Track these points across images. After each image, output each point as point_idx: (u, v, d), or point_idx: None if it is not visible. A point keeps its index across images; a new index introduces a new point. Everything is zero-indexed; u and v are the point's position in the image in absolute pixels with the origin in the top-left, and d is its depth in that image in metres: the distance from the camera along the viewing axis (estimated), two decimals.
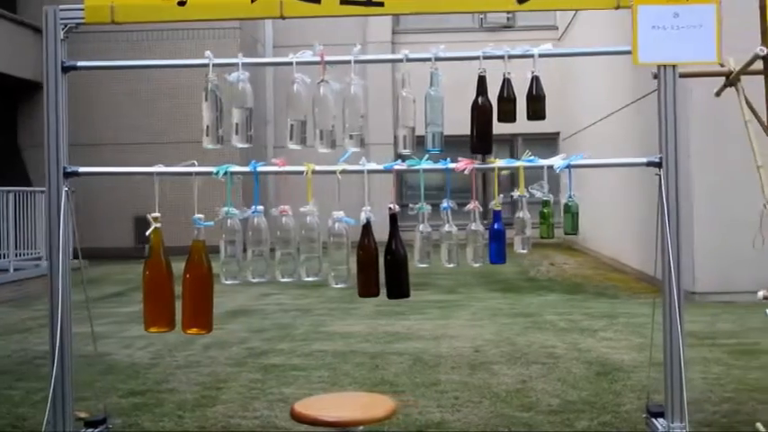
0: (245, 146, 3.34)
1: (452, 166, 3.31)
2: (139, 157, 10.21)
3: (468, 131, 3.38)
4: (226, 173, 3.30)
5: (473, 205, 3.36)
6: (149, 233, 3.26)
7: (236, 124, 3.30)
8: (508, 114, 3.36)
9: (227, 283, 3.31)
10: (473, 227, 3.39)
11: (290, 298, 9.51)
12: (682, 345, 3.17)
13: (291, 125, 3.32)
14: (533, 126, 3.54)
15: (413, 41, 16.99)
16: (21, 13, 15.00)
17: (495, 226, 3.38)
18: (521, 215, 3.42)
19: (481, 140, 3.37)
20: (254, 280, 3.32)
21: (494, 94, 3.38)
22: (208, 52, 3.32)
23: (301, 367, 5.79)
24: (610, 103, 12.79)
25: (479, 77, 3.35)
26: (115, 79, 15.64)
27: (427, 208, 3.34)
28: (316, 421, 2.83)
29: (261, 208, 3.28)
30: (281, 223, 3.28)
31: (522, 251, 3.45)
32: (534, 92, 3.37)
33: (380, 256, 3.26)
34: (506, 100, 3.37)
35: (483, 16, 18.21)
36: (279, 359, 6.07)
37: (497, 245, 3.39)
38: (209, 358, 6.10)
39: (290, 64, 3.36)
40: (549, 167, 3.34)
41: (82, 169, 3.41)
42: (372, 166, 3.34)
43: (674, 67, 3.22)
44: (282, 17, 3.29)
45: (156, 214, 3.26)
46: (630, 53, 3.22)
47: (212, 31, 15.36)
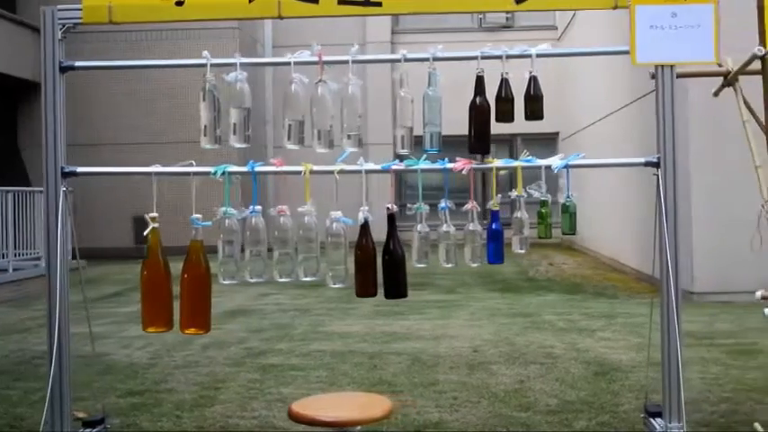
0: (242, 146, 3.34)
1: (450, 166, 3.30)
2: (139, 157, 10.19)
3: (467, 131, 3.39)
4: (224, 173, 3.31)
5: (471, 205, 3.36)
6: (147, 233, 3.27)
7: (234, 124, 3.31)
8: (506, 114, 3.36)
9: (224, 283, 3.31)
10: (471, 227, 3.39)
11: (289, 298, 9.51)
12: (679, 345, 3.17)
13: (289, 125, 3.32)
14: (533, 126, 3.53)
15: (412, 41, 16.98)
16: (20, 13, 14.99)
17: (494, 226, 3.39)
18: (519, 215, 3.41)
19: (479, 140, 3.37)
20: (252, 280, 3.32)
21: (492, 94, 3.38)
22: (205, 52, 3.32)
23: (300, 367, 5.79)
24: (609, 102, 12.79)
25: (477, 77, 3.35)
26: (114, 79, 15.64)
27: (425, 208, 3.34)
28: (313, 421, 2.83)
29: (259, 208, 3.29)
30: (278, 223, 3.28)
31: (520, 251, 3.45)
32: (532, 92, 3.37)
33: (378, 256, 3.26)
34: (504, 100, 3.37)
35: (482, 16, 18.20)
36: (277, 359, 6.07)
37: (495, 245, 3.39)
38: (207, 358, 6.10)
39: (287, 64, 3.36)
40: (547, 167, 3.34)
41: (80, 169, 3.41)
42: (370, 166, 3.34)
43: (671, 67, 3.22)
44: (280, 17, 3.29)
45: (154, 214, 3.26)
46: (628, 53, 3.23)
47: (211, 31, 15.33)
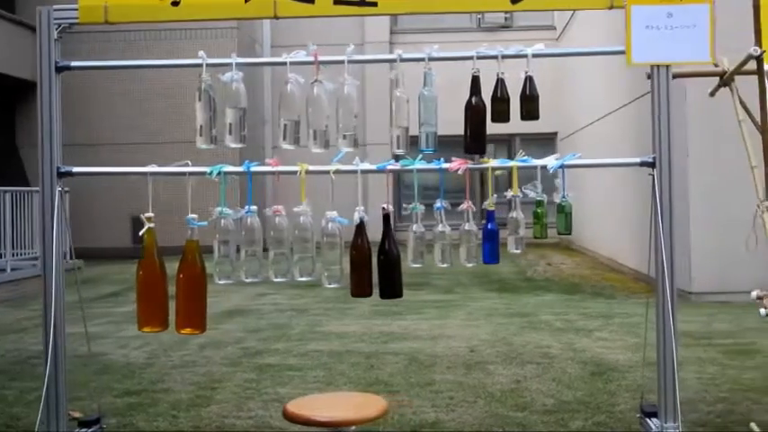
0: (238, 146, 3.34)
1: (446, 166, 3.31)
2: (137, 157, 10.18)
3: (462, 131, 3.38)
4: (219, 173, 3.31)
5: (466, 205, 3.36)
6: (143, 233, 3.27)
7: (230, 124, 3.31)
8: (501, 114, 3.36)
9: (220, 283, 3.31)
10: (467, 227, 3.39)
11: (287, 298, 9.51)
12: (675, 344, 3.17)
13: (285, 125, 3.32)
14: (531, 126, 3.53)
15: (411, 41, 16.96)
16: (19, 13, 14.98)
17: (489, 226, 3.39)
18: (514, 215, 3.42)
19: (475, 140, 3.37)
20: (248, 280, 3.33)
21: (488, 94, 3.38)
22: (201, 52, 3.33)
23: (297, 367, 5.79)
24: (607, 102, 12.79)
25: (473, 77, 3.35)
26: (112, 79, 15.63)
27: (421, 208, 3.34)
28: (308, 421, 2.83)
29: (254, 208, 3.29)
30: (274, 223, 3.28)
31: (516, 251, 3.45)
32: (528, 92, 3.37)
33: (374, 255, 3.26)
34: (500, 100, 3.37)
35: (480, 16, 18.19)
36: (274, 359, 6.07)
37: (491, 245, 3.39)
38: (204, 358, 6.10)
39: (283, 64, 3.36)
40: (543, 167, 3.34)
41: (75, 169, 3.41)
42: (365, 165, 3.35)
43: (667, 67, 3.22)
44: (276, 17, 3.30)
45: (150, 214, 3.26)
46: (624, 53, 3.23)
47: (210, 31, 15.34)
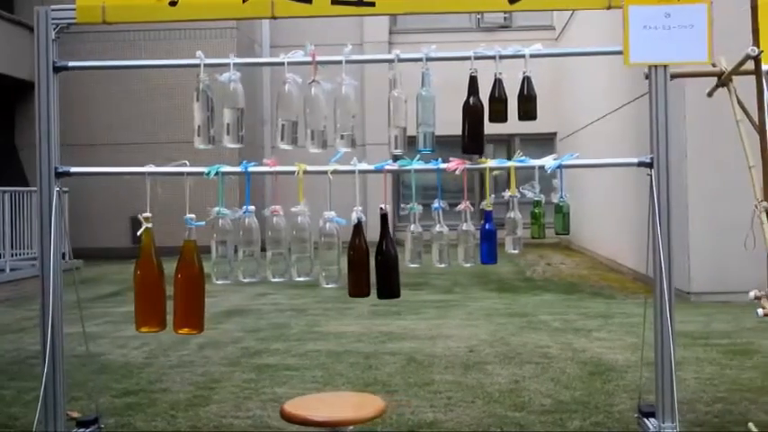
0: (236, 146, 3.34)
1: (444, 166, 3.31)
2: (136, 157, 10.16)
3: (460, 132, 3.38)
4: (217, 173, 3.31)
5: (464, 205, 3.37)
6: (140, 233, 3.27)
7: (228, 124, 3.31)
8: (499, 114, 3.36)
9: (218, 283, 3.31)
10: (464, 227, 3.39)
11: (286, 298, 9.51)
12: (672, 344, 3.17)
13: (283, 125, 3.32)
14: (530, 126, 3.52)
15: (410, 41, 16.97)
16: (18, 13, 14.98)
17: (487, 226, 3.39)
18: (512, 215, 3.42)
19: (473, 141, 3.37)
20: (246, 280, 3.33)
21: (486, 94, 3.38)
22: (199, 52, 3.33)
23: (295, 367, 5.79)
24: (607, 102, 12.79)
25: (471, 78, 3.35)
26: (112, 79, 15.62)
27: (418, 208, 3.34)
28: (305, 421, 2.83)
29: (252, 208, 3.29)
30: (272, 223, 3.28)
31: (513, 251, 3.45)
32: (525, 92, 3.37)
33: (372, 256, 3.26)
34: (497, 100, 3.37)
35: (480, 16, 18.19)
36: (273, 359, 6.07)
37: (489, 245, 3.39)
38: (203, 358, 6.10)
39: (281, 64, 3.36)
40: (541, 168, 3.34)
41: (73, 169, 3.41)
42: (363, 166, 3.35)
43: (665, 67, 3.22)
44: (274, 17, 3.30)
45: (148, 214, 3.27)
46: (622, 53, 3.23)
47: (209, 31, 15.33)
